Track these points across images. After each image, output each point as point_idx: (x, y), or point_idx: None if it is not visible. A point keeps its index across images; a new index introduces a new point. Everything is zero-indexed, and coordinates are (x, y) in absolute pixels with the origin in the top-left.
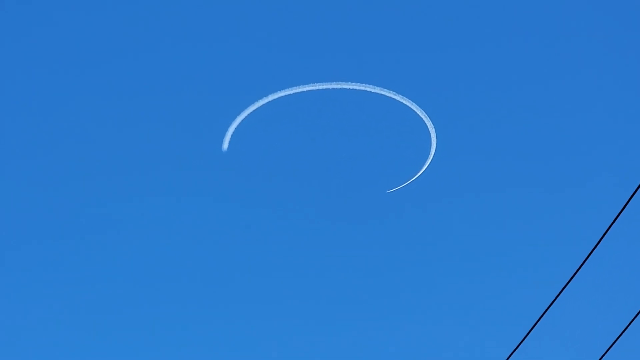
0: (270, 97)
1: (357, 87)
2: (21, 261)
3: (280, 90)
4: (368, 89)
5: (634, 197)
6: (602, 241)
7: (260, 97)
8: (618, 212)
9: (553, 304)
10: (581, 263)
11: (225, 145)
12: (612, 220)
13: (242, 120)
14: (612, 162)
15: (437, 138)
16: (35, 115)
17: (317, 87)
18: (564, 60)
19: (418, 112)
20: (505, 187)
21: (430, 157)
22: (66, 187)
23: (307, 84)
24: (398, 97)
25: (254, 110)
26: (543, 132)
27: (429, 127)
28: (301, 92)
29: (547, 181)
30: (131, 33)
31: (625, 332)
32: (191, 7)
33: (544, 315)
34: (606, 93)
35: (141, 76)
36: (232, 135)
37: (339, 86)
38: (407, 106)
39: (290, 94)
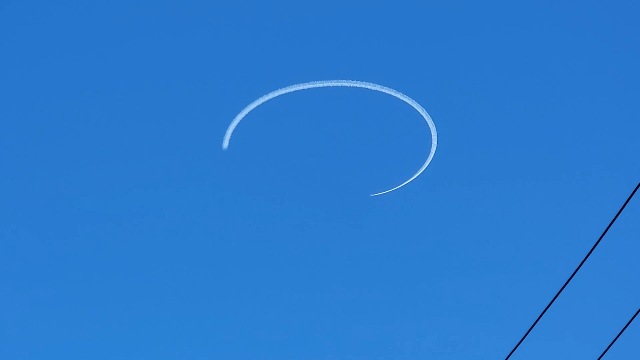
0: (271, 95)
1: (357, 85)
2: (20, 257)
3: (280, 88)
4: (368, 87)
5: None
6: (603, 238)
7: (261, 96)
8: (619, 208)
9: (553, 302)
10: (582, 261)
11: (225, 144)
12: (613, 217)
13: (242, 119)
14: (614, 158)
15: (437, 135)
16: (36, 112)
17: (317, 85)
18: (562, 57)
19: (419, 110)
20: (506, 186)
21: (432, 154)
22: (65, 183)
23: (307, 82)
24: (399, 95)
25: (254, 109)
26: (542, 131)
27: (429, 124)
28: (301, 90)
29: (547, 180)
30: (132, 30)
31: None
32: (192, 4)
33: (545, 313)
34: (606, 91)
35: (142, 73)
36: (232, 134)
37: (339, 84)
38: (408, 104)
39: (290, 92)
